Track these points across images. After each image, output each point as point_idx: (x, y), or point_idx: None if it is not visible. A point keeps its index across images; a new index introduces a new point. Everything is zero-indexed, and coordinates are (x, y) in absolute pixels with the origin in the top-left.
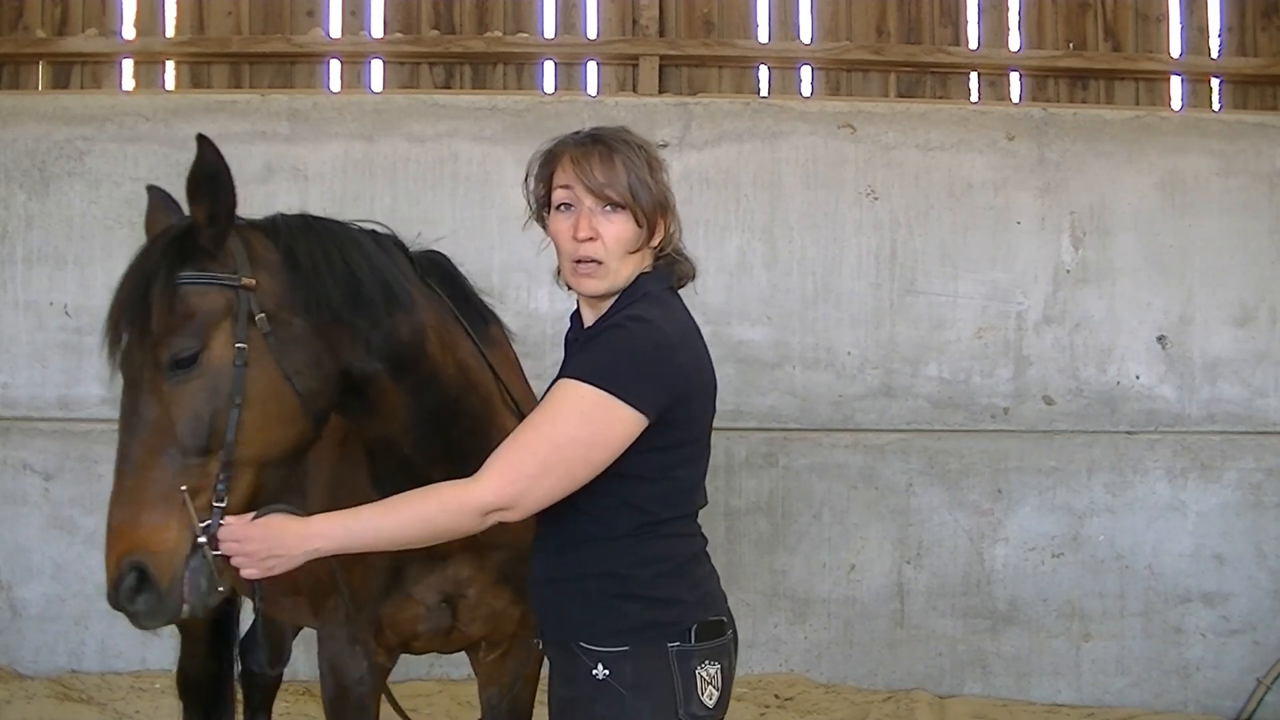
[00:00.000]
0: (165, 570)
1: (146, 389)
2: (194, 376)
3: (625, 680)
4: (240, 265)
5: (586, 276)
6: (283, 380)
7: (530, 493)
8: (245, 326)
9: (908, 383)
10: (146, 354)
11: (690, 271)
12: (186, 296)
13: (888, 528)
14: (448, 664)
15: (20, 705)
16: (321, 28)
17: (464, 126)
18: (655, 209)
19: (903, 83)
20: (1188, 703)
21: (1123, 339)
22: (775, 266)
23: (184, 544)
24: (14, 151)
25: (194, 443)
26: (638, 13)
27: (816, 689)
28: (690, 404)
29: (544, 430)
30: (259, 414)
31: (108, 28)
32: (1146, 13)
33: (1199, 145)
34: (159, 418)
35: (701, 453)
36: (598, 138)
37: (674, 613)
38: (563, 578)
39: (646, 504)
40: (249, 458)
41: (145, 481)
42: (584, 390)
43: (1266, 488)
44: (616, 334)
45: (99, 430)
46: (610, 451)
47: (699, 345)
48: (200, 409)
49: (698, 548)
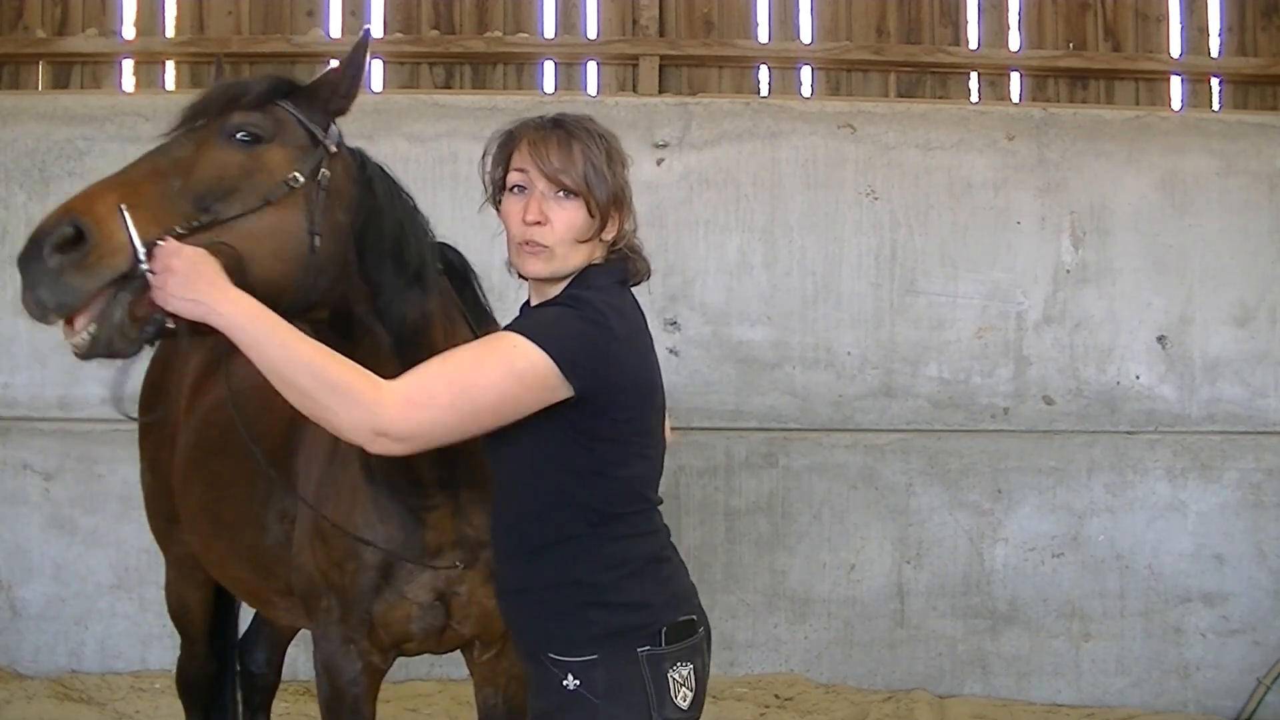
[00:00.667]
0: (102, 246)
1: (195, 136)
2: (245, 153)
3: (597, 690)
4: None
5: (531, 256)
6: (305, 232)
7: (431, 429)
8: (308, 173)
9: (908, 383)
10: (213, 118)
11: (645, 270)
12: (278, 110)
13: (888, 528)
14: (448, 664)
15: (20, 705)
16: (321, 28)
17: (464, 126)
18: (610, 201)
19: (903, 83)
20: (1188, 703)
21: (1123, 339)
22: (775, 266)
23: (127, 254)
24: (14, 151)
25: (198, 191)
26: (638, 13)
27: (816, 689)
28: (629, 397)
29: (467, 367)
30: (268, 229)
31: (108, 28)
32: (1146, 13)
33: (1199, 145)
34: (185, 157)
35: (649, 453)
36: (559, 123)
37: (642, 616)
38: (527, 588)
39: (596, 502)
40: (228, 241)
41: (126, 183)
42: (515, 339)
43: (1266, 488)
44: (558, 308)
45: (99, 430)
46: (522, 407)
47: (644, 342)
48: (227, 178)
49: (659, 544)
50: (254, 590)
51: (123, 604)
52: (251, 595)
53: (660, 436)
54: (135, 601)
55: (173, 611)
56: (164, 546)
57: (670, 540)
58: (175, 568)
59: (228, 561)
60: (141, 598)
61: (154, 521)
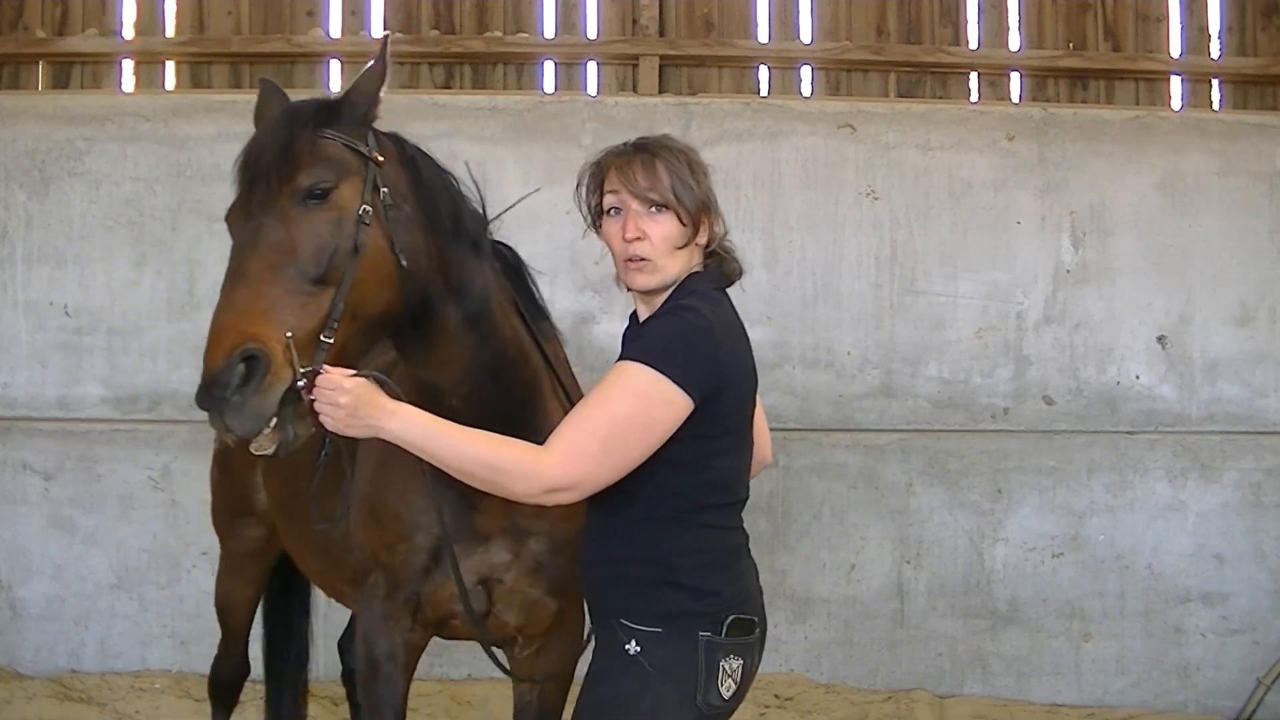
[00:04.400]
0: (275, 373)
1: (273, 216)
2: (324, 209)
3: (655, 660)
4: (374, 144)
5: (637, 271)
6: (390, 250)
7: (593, 474)
8: (370, 192)
9: (908, 383)
10: (282, 182)
11: (737, 270)
12: (327, 145)
13: (888, 528)
14: (448, 664)
15: (20, 705)
16: (321, 28)
17: (464, 126)
18: (698, 208)
19: (903, 83)
20: (1188, 703)
21: (1123, 339)
22: (775, 266)
23: (290, 370)
24: (14, 151)
25: (313, 269)
26: (638, 13)
27: (816, 689)
28: (729, 394)
29: (603, 410)
30: (370, 267)
31: (108, 28)
32: (1146, 13)
33: (1199, 145)
34: (282, 239)
35: (740, 445)
36: (641, 146)
37: (709, 604)
38: (609, 560)
39: (688, 491)
40: (356, 304)
41: (260, 292)
42: (637, 370)
43: (1266, 488)
44: (666, 320)
45: (99, 430)
46: (662, 432)
47: (742, 341)
48: (326, 239)
49: (738, 542)
50: (328, 581)
51: (123, 604)
52: (327, 586)
53: (750, 432)
54: (135, 601)
55: (218, 605)
56: (222, 539)
57: (747, 542)
58: (228, 561)
59: (303, 553)
60: (141, 598)
61: (217, 516)
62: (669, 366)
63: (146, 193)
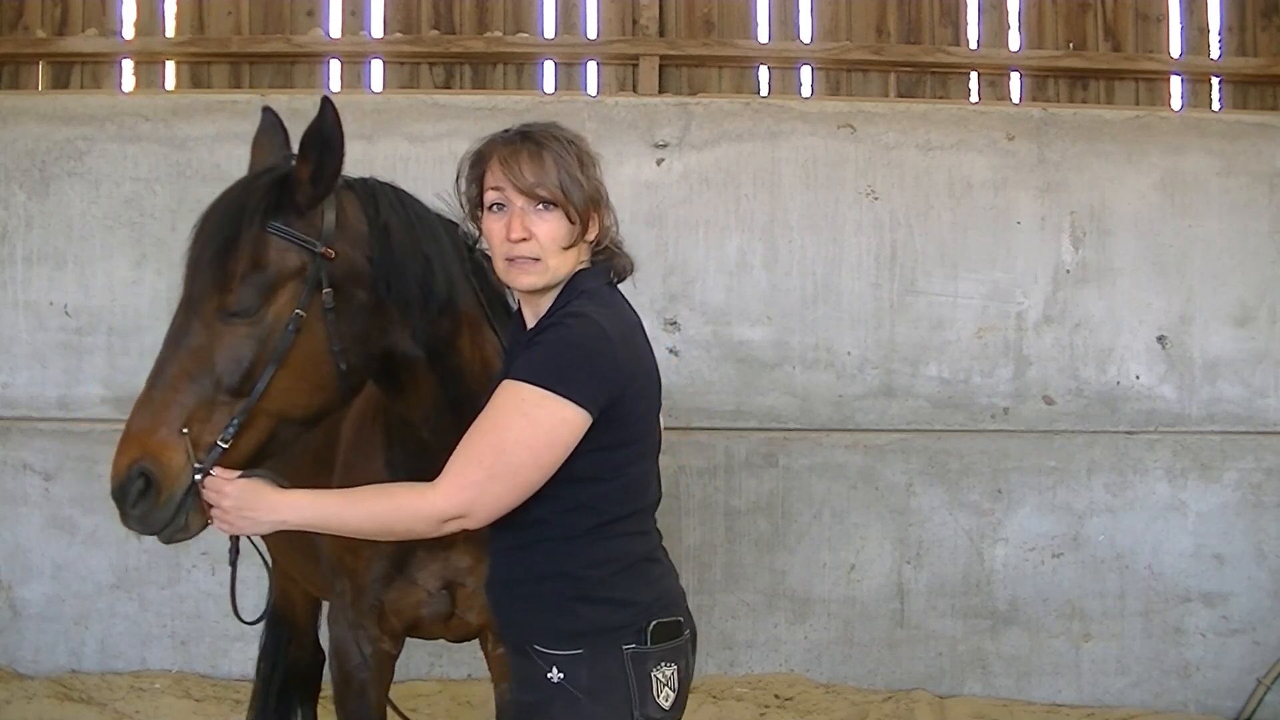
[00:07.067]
0: (166, 487)
1: (202, 317)
2: (248, 324)
3: (580, 684)
4: (326, 233)
5: (522, 272)
6: (328, 352)
7: (481, 500)
8: (310, 293)
9: (908, 383)
10: (214, 288)
11: (629, 265)
12: (267, 245)
13: (888, 528)
14: (448, 664)
15: (20, 705)
16: (321, 28)
17: (464, 126)
18: (587, 204)
19: (903, 83)
20: (1188, 703)
21: (1123, 339)
22: (775, 266)
23: (187, 473)
24: (14, 151)
25: (227, 382)
26: (638, 13)
27: (816, 689)
28: (632, 400)
29: (489, 437)
30: (295, 375)
31: (108, 28)
32: (1146, 13)
33: (1199, 145)
34: (203, 347)
35: (649, 449)
36: (526, 135)
37: (629, 614)
38: (517, 579)
39: (599, 504)
40: (270, 411)
41: (171, 400)
42: (526, 391)
43: (1266, 488)
44: (556, 332)
45: (99, 430)
46: (560, 451)
47: (639, 340)
48: (243, 355)
49: (652, 545)
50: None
51: (123, 604)
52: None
53: (658, 431)
54: (135, 601)
55: (278, 607)
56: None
57: (662, 544)
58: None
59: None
60: (141, 598)
61: None
62: (561, 384)
63: (146, 193)
